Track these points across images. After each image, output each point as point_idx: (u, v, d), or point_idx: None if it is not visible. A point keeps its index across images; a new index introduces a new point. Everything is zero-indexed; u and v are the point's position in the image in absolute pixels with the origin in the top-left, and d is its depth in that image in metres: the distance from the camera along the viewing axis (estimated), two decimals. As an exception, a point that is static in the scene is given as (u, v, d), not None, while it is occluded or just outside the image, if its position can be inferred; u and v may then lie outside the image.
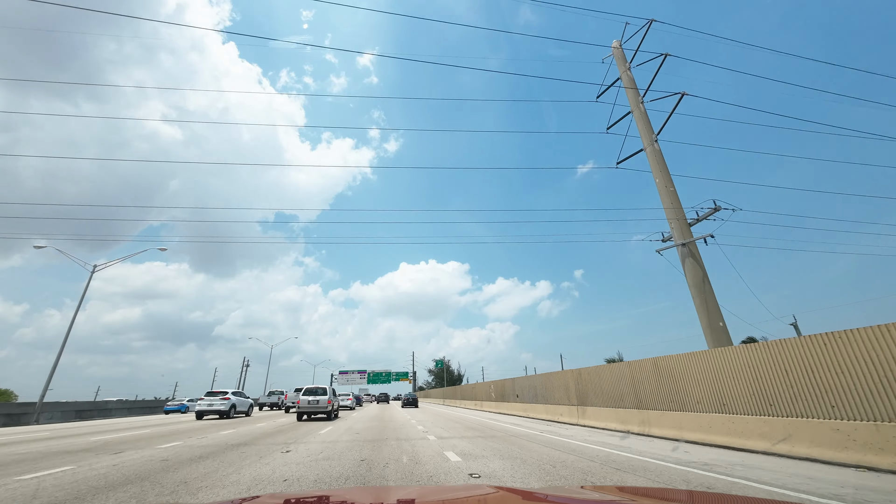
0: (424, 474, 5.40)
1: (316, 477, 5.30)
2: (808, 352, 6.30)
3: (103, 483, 5.13)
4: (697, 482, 4.82)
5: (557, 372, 16.25)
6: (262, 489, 4.69)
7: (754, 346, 7.32)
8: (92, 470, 6.07)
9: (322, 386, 17.70)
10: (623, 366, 11.40)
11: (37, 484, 5.14)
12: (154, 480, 5.23)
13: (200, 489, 4.71)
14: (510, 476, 5.28)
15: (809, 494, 4.17)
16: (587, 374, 13.33)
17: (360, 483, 4.94)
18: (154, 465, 6.45)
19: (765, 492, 4.33)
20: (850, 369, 5.68)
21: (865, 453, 5.26)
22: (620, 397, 11.26)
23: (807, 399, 6.20)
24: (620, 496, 1.76)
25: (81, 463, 6.73)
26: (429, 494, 1.99)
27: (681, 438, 8.51)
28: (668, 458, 6.52)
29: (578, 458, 6.59)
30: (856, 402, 5.55)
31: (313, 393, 17.33)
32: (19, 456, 7.81)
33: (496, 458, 6.65)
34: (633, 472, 5.41)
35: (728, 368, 7.76)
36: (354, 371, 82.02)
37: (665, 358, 9.61)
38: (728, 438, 7.41)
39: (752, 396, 7.14)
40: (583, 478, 5.13)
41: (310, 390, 17.53)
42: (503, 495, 1.64)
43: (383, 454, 7.20)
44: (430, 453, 7.32)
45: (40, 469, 6.22)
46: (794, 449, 6.15)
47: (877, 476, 4.81)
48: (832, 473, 5.05)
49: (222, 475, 5.50)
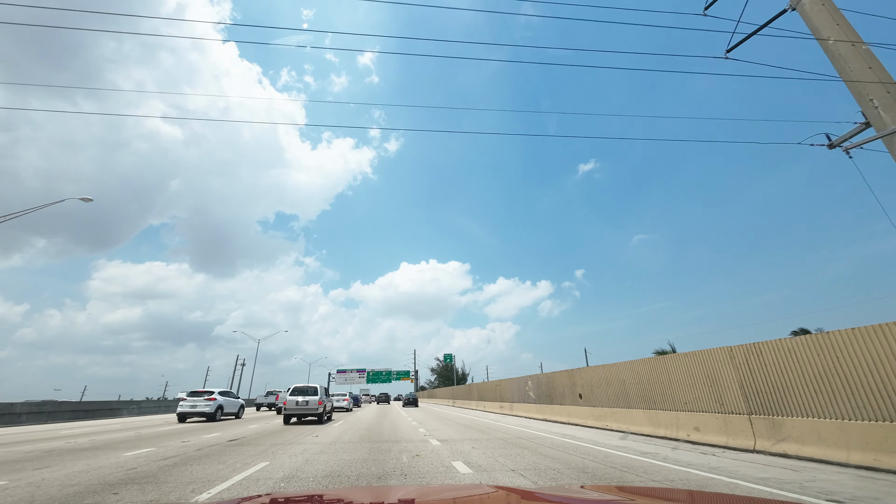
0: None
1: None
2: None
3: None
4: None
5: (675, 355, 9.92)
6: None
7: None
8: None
9: (312, 385, 15.75)
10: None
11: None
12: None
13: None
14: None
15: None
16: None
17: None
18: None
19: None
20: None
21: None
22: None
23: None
24: (620, 496, 1.75)
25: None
26: (429, 494, 2.03)
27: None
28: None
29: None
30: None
31: (302, 393, 15.31)
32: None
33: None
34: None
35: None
36: (353, 370, 78.64)
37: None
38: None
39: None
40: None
41: (298, 389, 15.50)
42: (503, 495, 1.64)
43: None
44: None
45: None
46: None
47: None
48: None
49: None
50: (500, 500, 1.57)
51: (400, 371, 79.51)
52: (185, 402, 19.23)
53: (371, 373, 78.22)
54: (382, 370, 78.88)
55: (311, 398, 14.93)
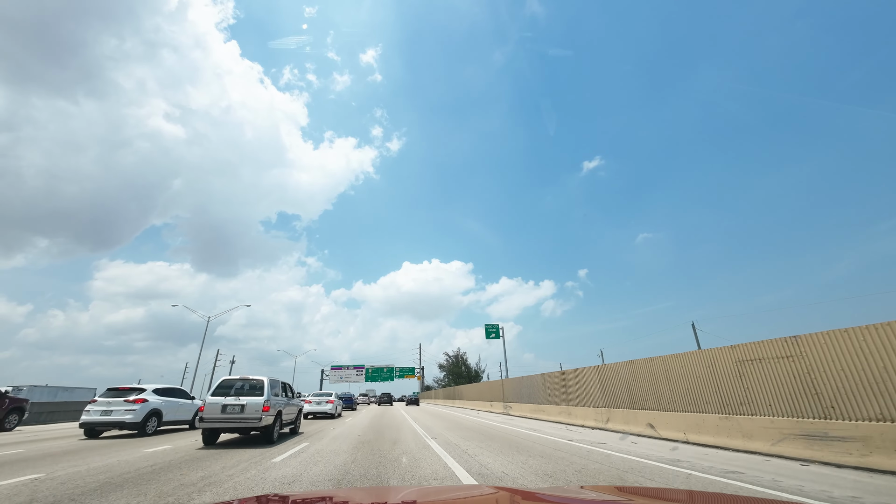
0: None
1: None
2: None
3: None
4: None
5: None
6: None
7: None
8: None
9: (254, 378, 9.57)
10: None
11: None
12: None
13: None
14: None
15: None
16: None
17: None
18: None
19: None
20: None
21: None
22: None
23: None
24: (619, 496, 1.71)
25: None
26: (429, 494, 1.98)
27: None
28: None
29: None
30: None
31: (231, 391, 9.13)
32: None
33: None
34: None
35: None
36: (350, 367, 68.92)
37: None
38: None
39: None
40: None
41: (225, 385, 9.26)
42: (503, 495, 1.62)
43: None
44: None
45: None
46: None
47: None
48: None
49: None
50: (499, 500, 1.56)
51: (403, 368, 69.56)
52: (95, 405, 12.88)
53: (371, 370, 68.56)
54: (384, 367, 69.26)
55: (248, 401, 8.82)
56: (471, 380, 62.33)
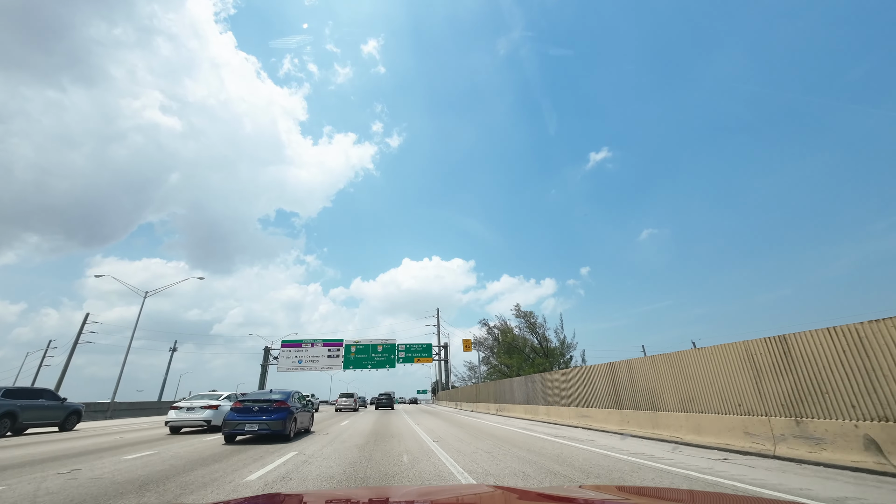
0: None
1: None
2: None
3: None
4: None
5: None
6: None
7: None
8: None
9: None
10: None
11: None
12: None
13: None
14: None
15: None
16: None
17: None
18: None
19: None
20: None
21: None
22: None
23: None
24: (619, 495, 1.69)
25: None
26: (429, 493, 1.98)
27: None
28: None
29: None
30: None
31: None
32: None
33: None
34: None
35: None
36: (317, 342, 42.24)
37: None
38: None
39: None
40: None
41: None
42: (503, 494, 1.62)
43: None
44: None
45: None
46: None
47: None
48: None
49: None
50: (499, 499, 1.56)
51: (413, 346, 44.06)
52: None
53: (356, 348, 42.36)
54: (378, 342, 43.29)
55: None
56: (549, 364, 33.78)
